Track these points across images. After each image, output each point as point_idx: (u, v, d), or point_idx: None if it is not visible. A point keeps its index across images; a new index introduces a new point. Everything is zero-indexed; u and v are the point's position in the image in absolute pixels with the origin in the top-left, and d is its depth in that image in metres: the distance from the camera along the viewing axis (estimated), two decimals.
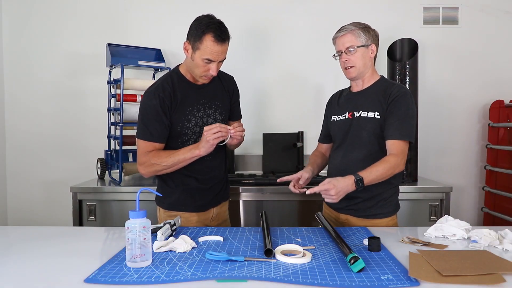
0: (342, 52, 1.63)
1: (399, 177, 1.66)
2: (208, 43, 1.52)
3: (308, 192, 1.45)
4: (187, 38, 1.58)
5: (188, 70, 1.65)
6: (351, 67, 1.62)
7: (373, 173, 1.46)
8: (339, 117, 1.71)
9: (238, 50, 2.79)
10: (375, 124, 1.60)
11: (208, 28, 1.52)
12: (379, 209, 1.62)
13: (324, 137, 1.87)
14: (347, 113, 1.68)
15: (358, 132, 1.63)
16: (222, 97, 1.73)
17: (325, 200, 1.45)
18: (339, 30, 1.65)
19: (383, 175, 1.48)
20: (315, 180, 1.87)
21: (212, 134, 1.49)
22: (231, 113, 1.80)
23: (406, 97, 1.58)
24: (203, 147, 1.53)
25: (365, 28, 1.62)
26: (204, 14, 1.59)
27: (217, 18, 1.58)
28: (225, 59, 1.61)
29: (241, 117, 1.86)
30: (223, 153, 1.77)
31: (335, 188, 1.40)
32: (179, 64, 1.71)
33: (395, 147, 1.53)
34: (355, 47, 1.60)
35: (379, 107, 1.60)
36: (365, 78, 1.67)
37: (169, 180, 1.68)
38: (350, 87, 1.77)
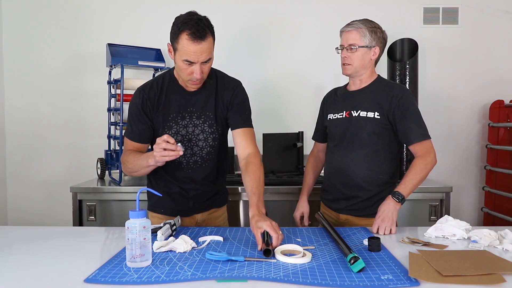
0: (344, 48, 1.63)
1: (398, 176, 1.66)
2: (184, 42, 1.36)
3: (381, 233, 1.46)
4: (170, 39, 1.45)
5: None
6: (348, 64, 1.63)
7: (407, 183, 1.51)
8: (335, 116, 1.71)
9: (238, 50, 2.79)
10: (375, 124, 1.60)
11: (184, 26, 1.35)
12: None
13: (320, 135, 1.87)
14: (344, 111, 1.68)
15: (357, 132, 1.63)
16: (216, 108, 1.55)
17: (389, 231, 1.46)
18: (348, 24, 1.64)
19: (418, 180, 1.51)
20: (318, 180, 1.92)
21: (159, 150, 1.32)
22: (232, 121, 1.57)
23: (410, 97, 1.61)
24: (152, 159, 1.38)
25: (373, 29, 1.61)
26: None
27: (202, 15, 1.41)
28: (210, 59, 1.42)
29: (247, 125, 1.56)
30: (215, 167, 1.62)
31: (383, 220, 1.46)
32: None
33: (420, 148, 1.55)
34: (357, 46, 1.60)
35: (379, 107, 1.60)
36: (363, 77, 1.67)
37: (154, 181, 1.64)
38: (345, 85, 1.77)
